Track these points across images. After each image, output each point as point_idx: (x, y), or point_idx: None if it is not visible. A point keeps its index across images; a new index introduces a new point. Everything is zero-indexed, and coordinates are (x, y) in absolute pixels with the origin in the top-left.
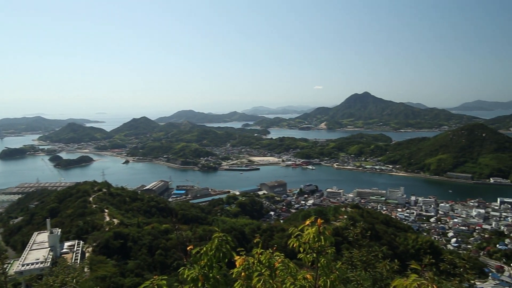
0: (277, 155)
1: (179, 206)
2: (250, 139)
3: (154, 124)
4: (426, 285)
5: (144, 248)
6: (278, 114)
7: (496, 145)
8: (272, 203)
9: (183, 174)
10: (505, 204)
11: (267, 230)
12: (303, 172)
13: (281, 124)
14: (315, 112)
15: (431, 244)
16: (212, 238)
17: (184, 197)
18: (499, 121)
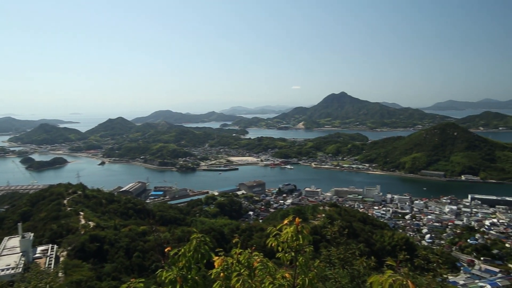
0: (255, 155)
1: (157, 208)
2: (228, 139)
3: (130, 124)
4: (401, 281)
5: (121, 251)
6: (256, 114)
7: (467, 144)
8: (251, 203)
9: (161, 175)
10: (476, 200)
11: (246, 230)
12: (281, 171)
13: (259, 124)
14: (293, 112)
15: (406, 241)
16: (190, 239)
17: (162, 198)
18: (470, 120)
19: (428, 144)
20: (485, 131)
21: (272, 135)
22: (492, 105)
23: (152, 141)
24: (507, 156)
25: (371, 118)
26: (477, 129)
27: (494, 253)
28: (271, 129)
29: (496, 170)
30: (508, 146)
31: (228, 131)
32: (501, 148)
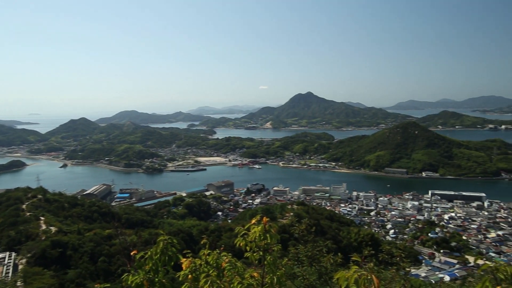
0: (223, 155)
1: (123, 210)
2: (196, 139)
3: (94, 125)
4: (365, 276)
5: (85, 256)
6: (224, 114)
7: (427, 142)
8: (219, 203)
9: (127, 177)
10: (435, 196)
11: (215, 230)
12: (249, 171)
13: (227, 124)
14: (260, 111)
15: (371, 237)
16: (157, 241)
17: (128, 201)
18: (429, 119)
19: (391, 142)
20: (443, 130)
21: (240, 135)
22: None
23: (117, 142)
24: (463, 153)
25: (336, 117)
26: (436, 127)
27: (453, 245)
28: (239, 129)
29: (454, 167)
30: (464, 144)
31: (195, 131)
32: (457, 145)
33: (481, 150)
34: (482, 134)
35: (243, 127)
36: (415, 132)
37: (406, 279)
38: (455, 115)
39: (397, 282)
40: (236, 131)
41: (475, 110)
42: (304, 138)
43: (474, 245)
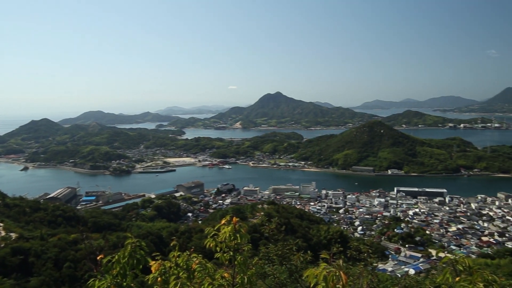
0: (193, 155)
1: (89, 214)
2: (165, 140)
3: (57, 126)
4: (334, 272)
5: (49, 262)
6: (193, 114)
7: (392, 140)
8: (189, 204)
9: (93, 179)
10: (401, 192)
11: (186, 232)
12: (219, 171)
13: (196, 124)
14: (230, 111)
15: (340, 234)
16: (124, 244)
17: (94, 204)
18: (394, 118)
19: (358, 141)
20: (407, 129)
21: (209, 135)
22: (412, 105)
23: (83, 143)
24: (426, 151)
25: (305, 117)
26: (400, 126)
27: (417, 240)
28: (208, 129)
29: (417, 164)
30: (426, 142)
31: (164, 131)
32: (420, 144)
33: (442, 148)
34: (443, 132)
35: (212, 127)
36: (381, 131)
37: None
38: (418, 115)
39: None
40: (206, 131)
41: (436, 109)
42: (274, 138)
43: (436, 239)
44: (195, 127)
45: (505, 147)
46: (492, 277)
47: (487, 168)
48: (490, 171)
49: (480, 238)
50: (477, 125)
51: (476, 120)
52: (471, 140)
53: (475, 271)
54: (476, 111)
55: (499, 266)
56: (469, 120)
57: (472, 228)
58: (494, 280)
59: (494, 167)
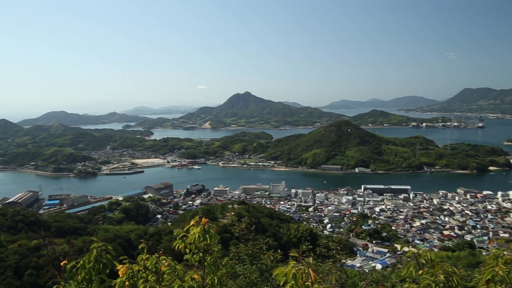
0: (161, 156)
1: (52, 218)
2: (132, 140)
3: (17, 127)
4: (303, 270)
5: (9, 270)
6: (161, 114)
7: (359, 139)
8: (158, 205)
9: (56, 182)
10: (367, 190)
11: (155, 234)
12: (189, 172)
13: (164, 125)
14: (199, 111)
15: (310, 232)
16: (90, 249)
17: (58, 208)
18: (360, 118)
19: (327, 140)
20: (373, 128)
21: (178, 135)
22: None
23: (45, 145)
24: (391, 149)
25: (274, 117)
26: (367, 125)
27: (383, 235)
28: (177, 129)
29: (383, 162)
30: (391, 141)
31: (131, 132)
32: (386, 142)
33: (406, 146)
34: (407, 131)
35: (181, 127)
36: (348, 130)
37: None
38: (383, 114)
39: (333, 274)
40: (174, 132)
41: (400, 109)
42: (243, 138)
43: (402, 234)
44: (163, 128)
45: (463, 144)
46: (451, 269)
47: (448, 165)
48: (450, 168)
49: (442, 232)
50: (438, 124)
51: (437, 119)
52: (432, 139)
53: (436, 263)
54: (437, 111)
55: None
56: (430, 119)
57: (434, 223)
58: (454, 271)
59: (453, 164)
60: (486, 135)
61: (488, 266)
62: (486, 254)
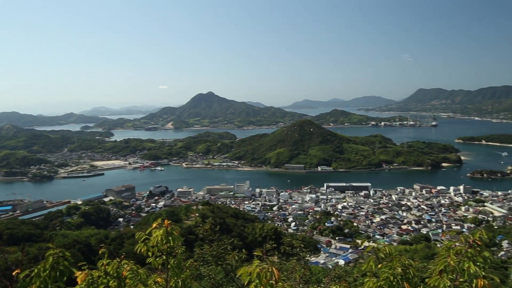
0: (122, 158)
1: (4, 225)
2: (91, 142)
3: None
4: (267, 269)
5: None
6: (121, 115)
7: (321, 138)
8: (120, 209)
9: (9, 187)
10: (330, 188)
11: (117, 238)
12: (151, 173)
13: (125, 126)
14: (161, 112)
15: (275, 231)
16: (45, 256)
17: (11, 214)
18: (322, 117)
19: (290, 139)
20: (334, 127)
21: (140, 136)
22: (338, 104)
23: None
24: (352, 147)
25: (238, 117)
26: (328, 125)
27: (346, 232)
28: (138, 130)
29: (344, 161)
30: (352, 140)
31: (90, 133)
32: (347, 141)
33: (366, 145)
34: (366, 130)
35: (143, 128)
36: (310, 129)
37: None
38: (344, 114)
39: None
40: (136, 133)
41: (360, 108)
42: (207, 138)
43: (363, 230)
44: (124, 129)
45: (419, 142)
46: (408, 262)
47: (405, 162)
48: (407, 165)
49: (400, 226)
50: (395, 123)
51: (394, 119)
52: (390, 137)
53: (394, 257)
54: (394, 110)
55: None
56: (388, 119)
57: (393, 218)
58: (410, 264)
59: (410, 161)
60: (439, 133)
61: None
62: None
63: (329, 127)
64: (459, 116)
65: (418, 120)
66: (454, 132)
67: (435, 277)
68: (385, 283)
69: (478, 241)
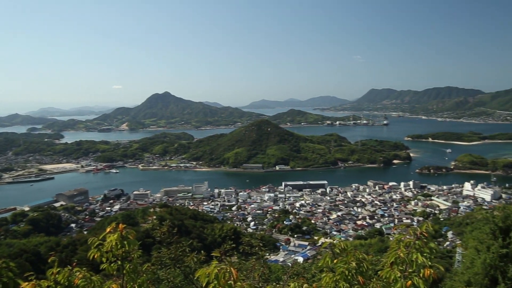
0: (74, 160)
1: None
2: (39, 145)
3: None
4: (225, 269)
5: None
6: (73, 115)
7: (278, 138)
8: (72, 214)
9: None
10: (288, 186)
11: (69, 245)
12: (106, 176)
13: (77, 127)
14: (115, 112)
15: (234, 231)
16: None
17: None
18: (279, 117)
19: (248, 139)
20: (291, 126)
21: (93, 138)
22: (295, 104)
23: None
24: (309, 147)
25: (195, 117)
26: (285, 124)
27: (304, 229)
28: (91, 131)
29: (302, 159)
30: (308, 139)
31: (38, 135)
32: (304, 140)
33: (322, 144)
34: (322, 129)
35: (96, 129)
36: (268, 129)
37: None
38: (300, 113)
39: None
40: (89, 134)
41: (316, 108)
42: (164, 139)
43: (320, 227)
44: (75, 130)
45: (371, 141)
46: (362, 256)
47: (359, 160)
48: (361, 162)
49: (356, 222)
50: (350, 122)
51: (348, 118)
52: (345, 136)
53: (348, 252)
54: (348, 110)
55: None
56: (343, 118)
57: (349, 214)
58: (364, 258)
59: (364, 159)
60: (390, 132)
61: (391, 250)
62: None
63: (286, 126)
64: (408, 115)
65: (371, 119)
66: (404, 130)
67: (386, 269)
68: (341, 278)
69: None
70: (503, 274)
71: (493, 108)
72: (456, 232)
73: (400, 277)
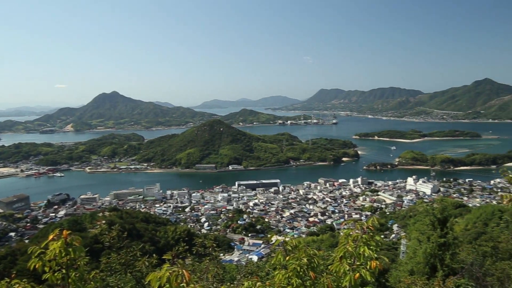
0: (13, 165)
1: None
2: None
3: None
4: (177, 272)
5: None
6: (10, 116)
7: (231, 138)
8: (11, 222)
9: None
10: (241, 186)
11: (7, 255)
12: (49, 180)
13: (15, 129)
14: (58, 113)
15: (188, 232)
16: None
17: None
18: (232, 117)
19: (200, 139)
20: (243, 126)
21: (34, 140)
22: (247, 104)
23: None
24: (261, 146)
25: (145, 117)
26: (238, 124)
27: (258, 228)
28: (32, 133)
29: (254, 159)
30: (261, 138)
31: None
32: (256, 140)
33: (274, 143)
34: (274, 128)
35: (37, 131)
36: (220, 129)
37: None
38: (252, 113)
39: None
40: (29, 136)
41: (268, 108)
42: (112, 140)
43: (274, 225)
44: (14, 132)
45: (322, 139)
46: (313, 252)
47: (310, 158)
48: (312, 161)
49: (308, 219)
50: (301, 121)
51: (299, 117)
52: (296, 135)
53: (300, 249)
54: (299, 109)
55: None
56: (294, 117)
57: (301, 212)
58: (315, 253)
59: (315, 157)
60: (339, 130)
61: (340, 245)
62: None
63: (238, 126)
64: (355, 114)
65: (321, 119)
66: (352, 129)
67: (336, 263)
68: (293, 274)
69: (371, 227)
70: (441, 261)
71: (431, 107)
72: (401, 224)
73: (349, 270)
